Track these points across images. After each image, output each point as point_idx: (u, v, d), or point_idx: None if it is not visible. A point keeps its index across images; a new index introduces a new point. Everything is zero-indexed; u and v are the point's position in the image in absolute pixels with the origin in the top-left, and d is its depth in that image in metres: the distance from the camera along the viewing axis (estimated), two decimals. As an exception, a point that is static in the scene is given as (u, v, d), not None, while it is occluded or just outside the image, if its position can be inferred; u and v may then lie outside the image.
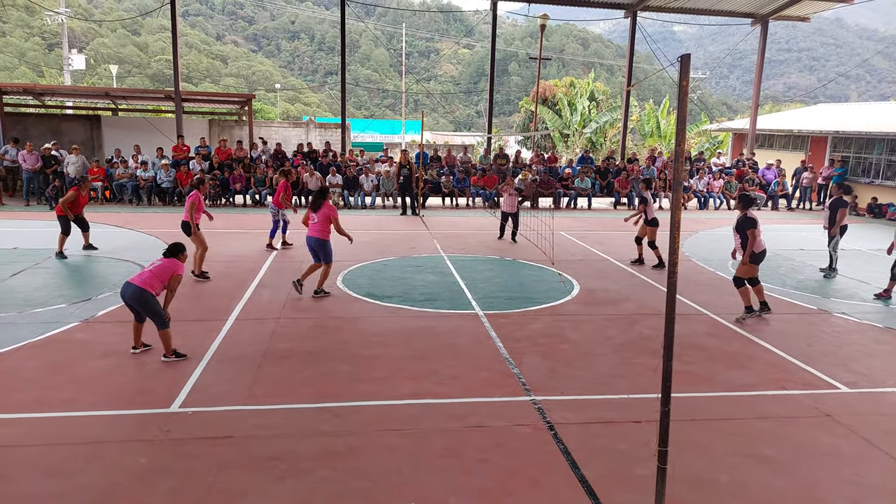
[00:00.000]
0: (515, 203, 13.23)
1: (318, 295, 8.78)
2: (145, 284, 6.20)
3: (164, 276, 6.33)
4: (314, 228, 8.67)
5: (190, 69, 67.16)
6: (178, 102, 19.90)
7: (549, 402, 5.67)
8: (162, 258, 6.55)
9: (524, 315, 8.23)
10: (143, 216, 15.43)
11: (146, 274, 6.35)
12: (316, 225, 8.65)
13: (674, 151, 3.75)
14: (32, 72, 55.40)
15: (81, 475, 4.37)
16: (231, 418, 5.22)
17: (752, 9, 22.41)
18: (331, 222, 8.67)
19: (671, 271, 3.82)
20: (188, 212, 9.48)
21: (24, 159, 16.60)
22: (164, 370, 6.17)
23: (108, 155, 18.83)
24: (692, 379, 6.28)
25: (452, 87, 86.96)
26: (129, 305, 6.34)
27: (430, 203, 18.96)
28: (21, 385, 5.78)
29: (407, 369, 6.35)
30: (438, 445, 4.88)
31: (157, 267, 6.40)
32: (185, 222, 9.56)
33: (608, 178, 20.01)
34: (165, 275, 6.35)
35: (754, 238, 8.01)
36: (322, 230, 8.64)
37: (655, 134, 32.38)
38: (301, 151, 19.43)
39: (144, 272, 6.41)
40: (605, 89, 40.13)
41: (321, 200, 8.68)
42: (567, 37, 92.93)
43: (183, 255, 6.67)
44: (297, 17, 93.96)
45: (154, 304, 6.24)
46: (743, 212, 8.21)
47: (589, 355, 6.88)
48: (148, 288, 6.20)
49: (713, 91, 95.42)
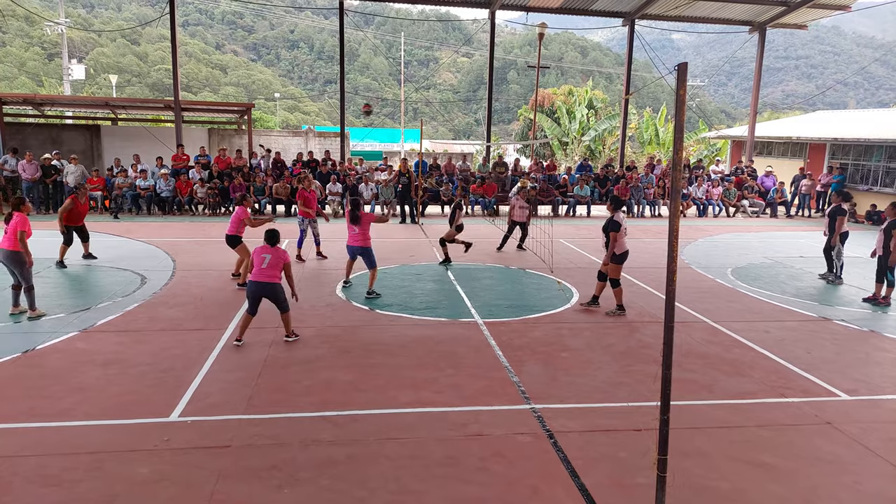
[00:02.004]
0: (527, 213, 13.30)
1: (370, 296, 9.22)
2: (274, 279, 7.09)
3: (279, 265, 7.13)
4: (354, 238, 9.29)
5: (189, 78, 67.44)
6: (177, 112, 19.97)
7: (549, 410, 5.66)
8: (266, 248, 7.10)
9: (524, 323, 8.23)
10: (142, 225, 15.44)
11: (266, 270, 7.02)
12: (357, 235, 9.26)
13: (672, 159, 3.78)
14: (32, 81, 55.59)
15: (80, 485, 4.35)
16: (230, 427, 5.21)
17: (749, 17, 22.55)
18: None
19: (670, 279, 3.83)
20: (235, 226, 9.66)
21: (24, 169, 16.64)
22: (164, 379, 6.16)
23: (108, 164, 18.87)
24: (692, 386, 6.28)
25: (451, 95, 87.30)
26: (254, 299, 7.07)
27: (429, 211, 18.99)
28: (20, 394, 5.77)
29: (406, 378, 6.35)
30: (438, 454, 4.87)
31: (271, 261, 7.04)
32: (230, 236, 9.71)
33: (607, 185, 20.06)
34: (280, 264, 7.11)
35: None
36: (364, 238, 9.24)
37: (654, 142, 32.50)
38: (301, 160, 19.48)
39: (262, 269, 7.02)
40: (603, 97, 40.31)
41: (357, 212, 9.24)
42: (566, 45, 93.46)
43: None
44: (297, 26, 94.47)
45: (282, 292, 7.14)
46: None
47: (589, 363, 6.88)
48: (277, 280, 7.10)
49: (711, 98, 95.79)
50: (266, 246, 7.16)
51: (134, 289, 9.46)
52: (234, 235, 9.73)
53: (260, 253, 7.12)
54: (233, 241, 9.78)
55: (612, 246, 8.37)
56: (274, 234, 7.23)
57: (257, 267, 7.07)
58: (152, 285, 9.68)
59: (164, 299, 8.97)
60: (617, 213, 8.49)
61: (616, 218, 8.40)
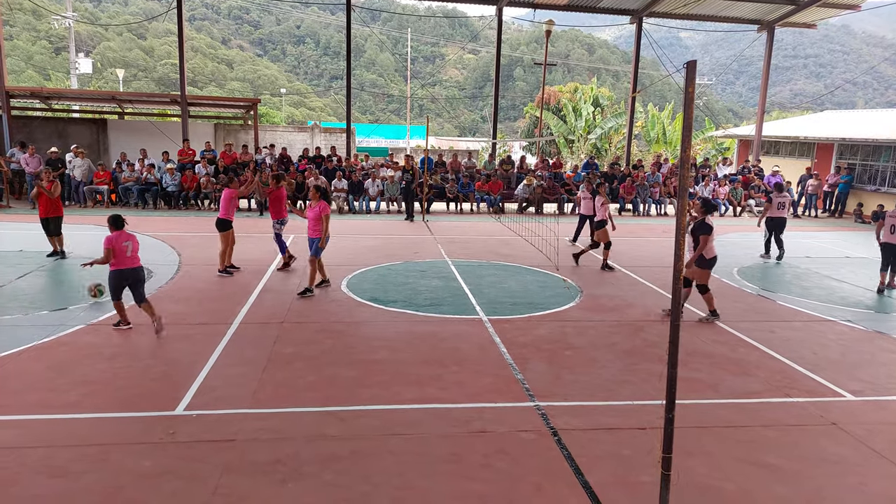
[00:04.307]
0: (591, 205, 13.30)
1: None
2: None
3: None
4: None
5: (196, 73, 67.57)
6: (183, 106, 20.00)
7: (553, 408, 5.66)
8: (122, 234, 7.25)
9: (528, 321, 8.22)
10: (148, 220, 15.48)
11: (133, 256, 7.31)
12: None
13: (679, 157, 3.76)
14: (39, 75, 55.84)
15: (86, 477, 4.38)
16: (235, 421, 5.23)
17: (758, 15, 22.41)
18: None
19: (676, 278, 3.81)
20: (225, 208, 9.90)
21: (27, 163, 16.70)
22: (169, 372, 6.18)
23: (115, 158, 18.93)
24: (697, 386, 6.26)
25: (457, 92, 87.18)
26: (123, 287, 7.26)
27: (434, 208, 18.98)
28: (27, 387, 5.80)
29: (411, 374, 6.35)
30: (442, 450, 4.88)
31: (133, 246, 7.32)
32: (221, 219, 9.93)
33: (613, 183, 19.99)
34: (138, 247, 7.46)
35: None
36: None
37: (661, 140, 32.38)
38: (307, 156, 19.50)
39: (128, 256, 7.24)
40: (610, 95, 40.17)
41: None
42: (573, 42, 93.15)
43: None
44: (303, 21, 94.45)
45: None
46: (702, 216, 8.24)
47: (593, 361, 6.87)
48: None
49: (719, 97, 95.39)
50: (122, 233, 7.24)
51: (140, 282, 9.48)
52: (224, 219, 9.88)
53: (121, 241, 7.16)
54: (223, 224, 9.90)
55: (700, 249, 8.06)
56: (118, 218, 7.34)
57: (122, 255, 7.14)
58: (158, 279, 9.71)
59: (170, 293, 9.00)
60: (708, 216, 8.23)
61: (708, 221, 8.17)
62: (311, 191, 9.25)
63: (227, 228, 9.94)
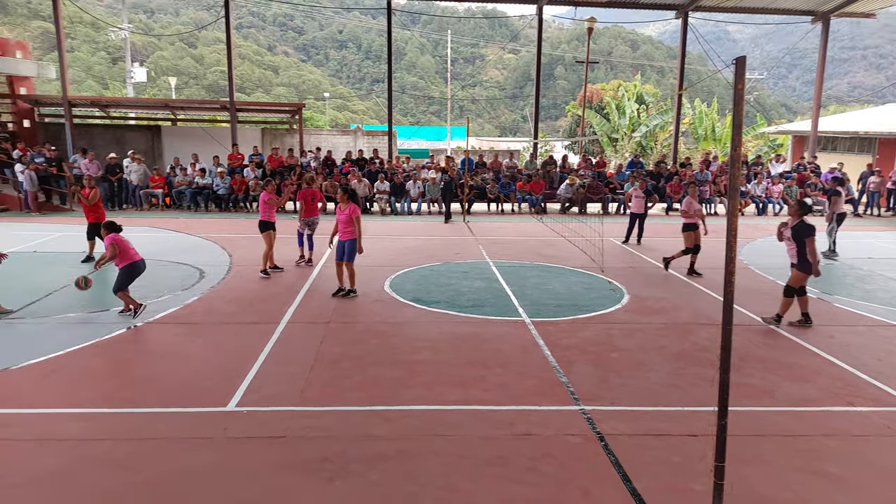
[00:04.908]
0: (643, 204, 13.16)
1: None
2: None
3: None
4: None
5: (243, 80, 69.34)
6: (232, 112, 20.58)
7: (599, 412, 5.57)
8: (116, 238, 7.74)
9: (573, 323, 8.12)
10: (200, 222, 15.98)
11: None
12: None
13: (729, 156, 3.66)
14: (98, 84, 58.32)
15: (144, 470, 4.54)
16: (284, 419, 5.34)
17: (812, 6, 21.57)
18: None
19: (728, 280, 3.71)
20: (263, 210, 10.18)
21: (87, 168, 17.46)
22: (222, 370, 6.36)
23: (168, 163, 19.62)
24: (751, 391, 6.06)
25: (498, 92, 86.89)
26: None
27: (475, 209, 18.96)
28: (89, 382, 6.07)
29: (454, 375, 6.36)
30: (487, 453, 4.86)
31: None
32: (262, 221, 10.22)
33: (660, 182, 19.57)
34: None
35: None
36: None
37: (710, 137, 31.51)
38: (350, 159, 19.78)
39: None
40: (655, 92, 39.36)
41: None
42: (615, 39, 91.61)
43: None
44: (345, 26, 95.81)
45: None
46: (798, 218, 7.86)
47: (641, 365, 6.73)
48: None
49: (771, 92, 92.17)
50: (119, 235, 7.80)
51: (193, 282, 9.80)
52: (264, 220, 10.13)
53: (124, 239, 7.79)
54: (263, 226, 10.14)
55: (811, 254, 7.70)
56: (113, 224, 7.89)
57: (127, 249, 7.75)
58: (210, 279, 10.01)
59: (221, 293, 9.26)
60: (805, 217, 7.89)
61: (807, 222, 7.83)
62: (339, 193, 9.16)
63: (265, 229, 10.18)
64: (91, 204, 10.77)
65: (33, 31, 56.01)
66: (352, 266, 9.08)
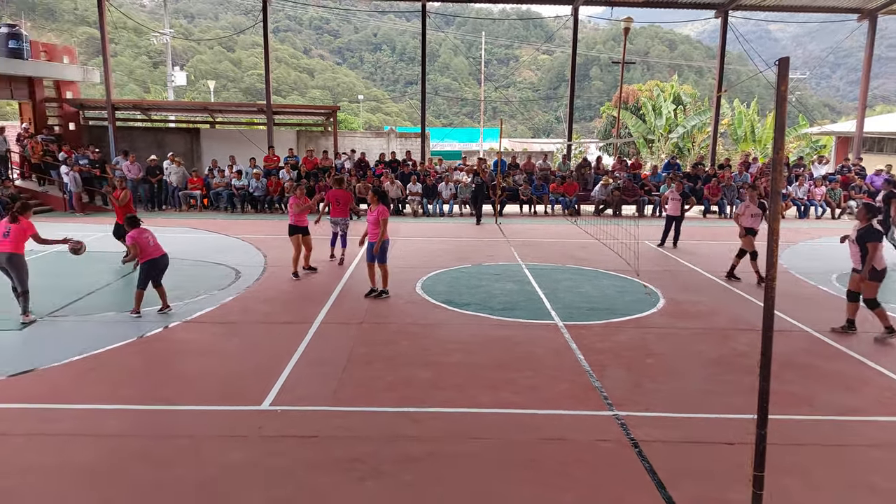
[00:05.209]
0: (679, 207, 12.99)
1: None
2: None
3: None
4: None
5: (279, 82, 70.54)
6: (269, 115, 20.95)
7: (633, 418, 5.47)
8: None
9: (606, 327, 8.01)
10: (236, 223, 16.30)
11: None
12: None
13: (770, 158, 3.57)
14: (140, 88, 60.08)
15: (179, 467, 4.64)
16: (317, 418, 5.40)
17: (858, 3, 20.86)
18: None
19: (769, 285, 3.60)
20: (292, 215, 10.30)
21: (129, 170, 18.00)
22: (256, 369, 6.46)
23: (206, 165, 20.07)
24: (791, 399, 5.88)
25: (531, 93, 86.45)
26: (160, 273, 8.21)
27: (507, 210, 18.88)
28: (128, 379, 6.23)
29: (485, 377, 6.34)
30: (518, 456, 4.83)
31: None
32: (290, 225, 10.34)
33: (697, 184, 19.17)
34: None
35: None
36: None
37: (749, 138, 30.74)
38: (383, 161, 19.93)
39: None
40: (693, 92, 38.60)
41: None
42: (652, 39, 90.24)
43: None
44: (380, 29, 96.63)
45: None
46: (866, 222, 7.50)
47: (676, 371, 6.60)
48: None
49: (814, 92, 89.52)
50: (141, 230, 8.06)
51: (229, 282, 10.00)
52: (292, 225, 10.25)
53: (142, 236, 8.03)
54: (291, 230, 10.26)
55: (870, 259, 7.36)
56: (134, 218, 8.20)
57: (146, 247, 8.00)
58: (245, 279, 10.19)
59: (256, 293, 9.42)
60: (872, 221, 7.49)
61: (875, 226, 7.45)
62: (370, 195, 9.19)
63: (292, 233, 10.26)
64: (122, 205, 10.96)
65: (80, 37, 58.03)
66: (384, 267, 9.13)
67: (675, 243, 13.47)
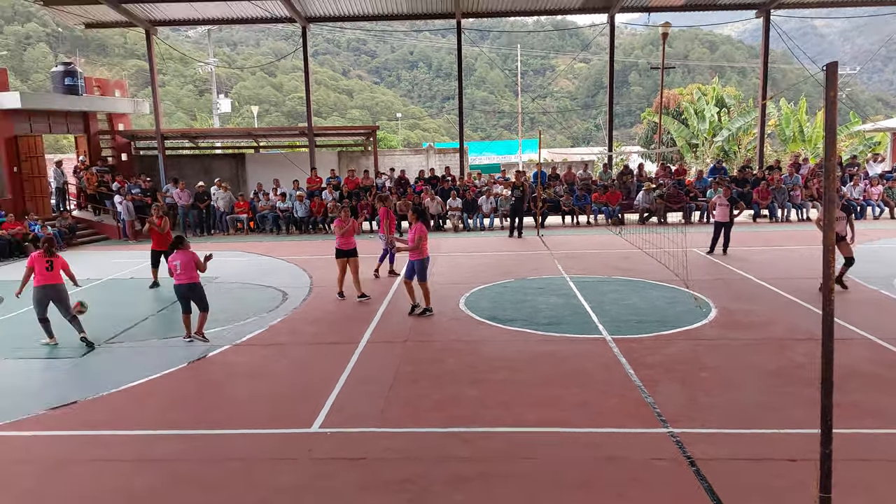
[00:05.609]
0: (727, 212, 12.75)
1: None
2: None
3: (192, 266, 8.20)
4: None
5: (319, 104, 72.19)
6: (310, 138, 21.43)
7: (689, 435, 5.30)
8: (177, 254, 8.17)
9: (656, 339, 7.81)
10: (282, 244, 16.65)
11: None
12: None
13: (821, 160, 3.45)
14: (187, 115, 62.38)
15: (231, 490, 4.72)
16: (365, 440, 5.42)
17: (909, -7, 20.03)
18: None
19: (827, 298, 3.46)
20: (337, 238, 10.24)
21: (179, 197, 18.66)
22: (305, 390, 6.55)
23: (252, 189, 20.62)
24: (855, 412, 5.59)
25: (569, 102, 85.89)
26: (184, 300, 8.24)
27: (549, 222, 18.71)
28: (181, 404, 6.40)
29: (533, 395, 6.25)
30: (571, 476, 4.73)
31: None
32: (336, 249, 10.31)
33: (745, 188, 18.60)
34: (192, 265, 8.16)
35: None
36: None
37: (798, 138, 29.71)
38: (423, 177, 20.08)
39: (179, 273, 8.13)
40: (736, 93, 37.59)
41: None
42: (692, 41, 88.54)
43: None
44: (416, 47, 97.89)
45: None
46: None
47: (732, 384, 6.37)
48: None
49: (865, 87, 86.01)
50: (176, 253, 8.10)
51: (276, 304, 10.20)
52: (337, 248, 10.16)
53: (173, 261, 8.07)
54: (337, 253, 10.16)
55: None
56: (179, 239, 8.28)
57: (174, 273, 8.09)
58: (292, 301, 10.38)
59: (303, 314, 9.58)
60: None
61: None
62: (409, 213, 9.29)
63: (338, 257, 10.14)
64: (163, 232, 11.36)
65: (129, 69, 60.80)
66: (424, 285, 9.15)
67: (725, 250, 13.09)
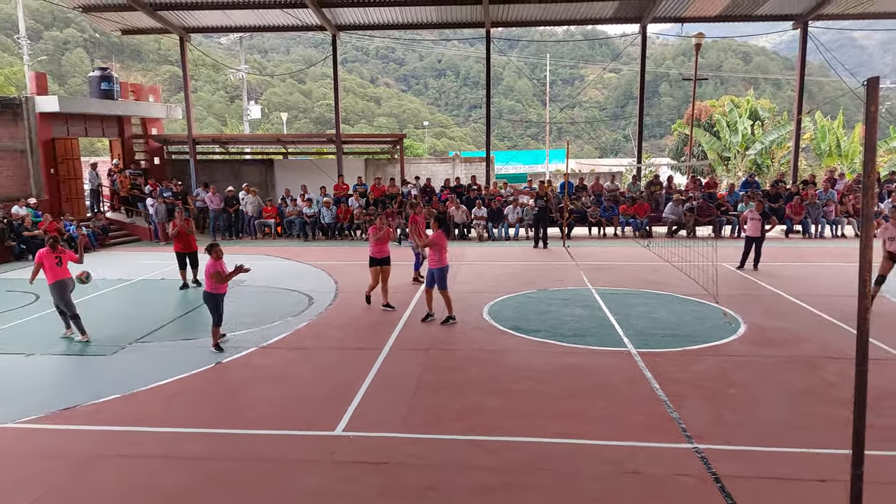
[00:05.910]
0: (759, 227, 12.60)
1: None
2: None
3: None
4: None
5: (347, 111, 72.99)
6: (338, 145, 21.67)
7: (715, 452, 5.21)
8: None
9: (684, 354, 7.70)
10: (309, 249, 16.85)
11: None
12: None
13: (859, 174, 3.39)
14: (217, 121, 63.61)
15: (259, 491, 4.79)
16: (388, 445, 5.45)
17: (952, 5, 19.49)
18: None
19: (862, 317, 3.38)
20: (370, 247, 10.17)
21: (211, 201, 19.02)
22: (329, 394, 6.61)
23: (280, 194, 20.92)
24: (889, 434, 5.44)
25: (597, 112, 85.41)
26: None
27: (575, 233, 18.59)
28: (208, 404, 6.51)
29: (557, 407, 6.21)
30: (593, 490, 4.69)
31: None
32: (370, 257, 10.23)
33: (778, 203, 18.24)
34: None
35: None
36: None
37: (834, 153, 29.05)
38: (448, 186, 20.14)
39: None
40: (771, 106, 36.96)
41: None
42: (725, 52, 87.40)
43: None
44: (444, 55, 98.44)
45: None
46: None
47: (760, 401, 6.24)
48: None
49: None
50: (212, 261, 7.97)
51: (302, 309, 10.31)
52: (371, 256, 10.06)
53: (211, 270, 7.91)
54: (370, 261, 10.06)
55: None
56: (210, 246, 8.14)
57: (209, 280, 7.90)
58: (318, 305, 10.48)
59: (329, 319, 9.67)
60: None
61: None
62: (431, 221, 9.31)
63: (371, 265, 10.07)
64: (191, 234, 11.80)
65: (163, 75, 62.24)
66: (446, 293, 9.17)
67: (756, 265, 12.85)
